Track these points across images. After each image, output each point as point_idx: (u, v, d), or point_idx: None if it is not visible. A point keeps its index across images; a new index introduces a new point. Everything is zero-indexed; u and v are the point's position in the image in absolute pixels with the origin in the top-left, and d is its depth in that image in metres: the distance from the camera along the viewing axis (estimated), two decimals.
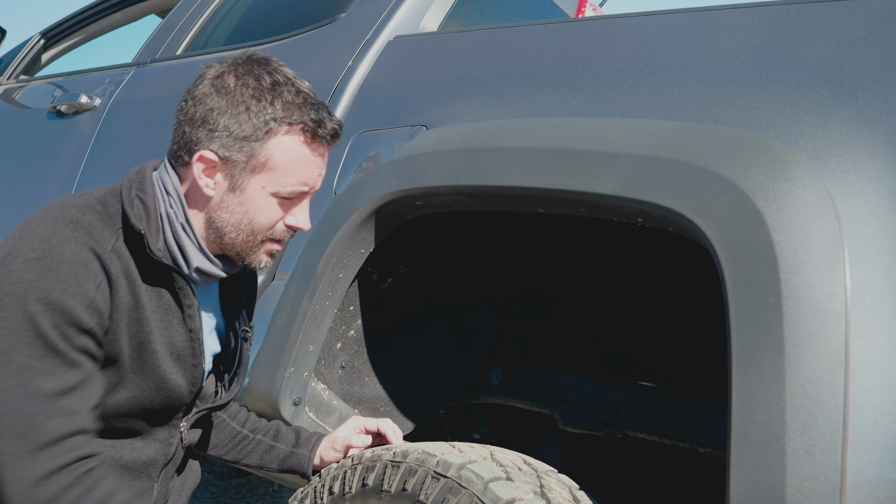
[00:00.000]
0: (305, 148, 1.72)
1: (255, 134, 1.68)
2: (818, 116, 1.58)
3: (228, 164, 1.70)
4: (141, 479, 1.75)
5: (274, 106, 1.68)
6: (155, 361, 1.68)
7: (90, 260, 1.57)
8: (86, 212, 1.63)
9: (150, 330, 1.66)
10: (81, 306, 1.54)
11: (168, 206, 1.72)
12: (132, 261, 1.65)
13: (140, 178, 1.74)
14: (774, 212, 1.48)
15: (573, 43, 2.11)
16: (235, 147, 1.69)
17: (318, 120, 1.71)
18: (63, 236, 1.56)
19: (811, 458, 1.38)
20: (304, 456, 2.00)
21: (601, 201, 1.72)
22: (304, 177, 1.73)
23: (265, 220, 1.73)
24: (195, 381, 1.78)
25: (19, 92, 3.97)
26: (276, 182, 1.71)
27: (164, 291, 1.71)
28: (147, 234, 1.65)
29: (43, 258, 1.53)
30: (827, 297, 1.42)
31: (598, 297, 2.50)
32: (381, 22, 2.63)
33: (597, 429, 2.31)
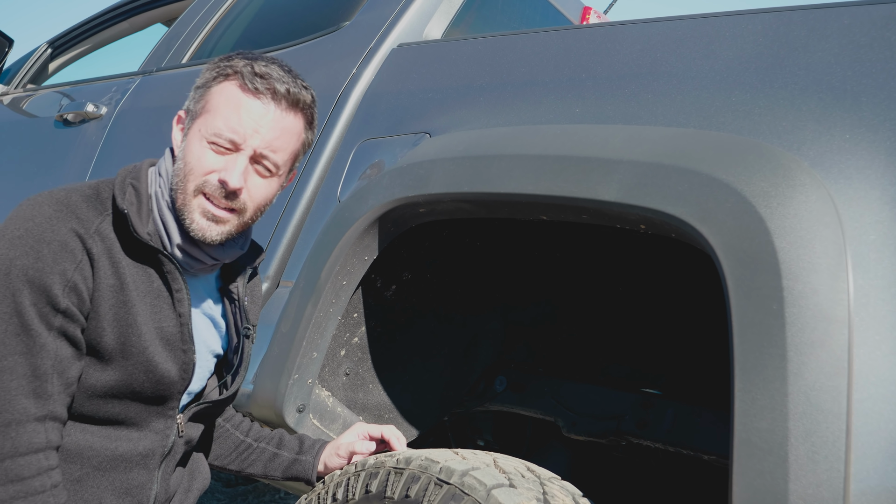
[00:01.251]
0: (239, 93, 1.72)
1: (206, 83, 1.76)
2: (821, 123, 1.58)
3: (188, 115, 1.79)
4: (138, 471, 1.75)
5: (231, 61, 1.76)
6: (141, 344, 1.68)
7: (70, 239, 1.60)
8: (73, 194, 1.68)
9: (136, 312, 1.68)
10: (58, 285, 1.57)
11: (157, 186, 1.77)
12: (118, 243, 1.68)
13: (135, 170, 1.79)
14: (777, 218, 1.48)
15: (576, 50, 2.12)
16: (194, 98, 1.78)
17: (260, 73, 1.72)
18: (46, 215, 1.61)
19: (814, 465, 1.37)
20: (307, 463, 2.00)
21: (604, 208, 1.72)
22: (234, 123, 1.71)
23: (195, 162, 1.71)
24: (185, 366, 1.77)
25: (27, 101, 3.99)
26: (208, 124, 1.72)
27: (153, 276, 1.73)
28: (133, 216, 1.68)
29: (24, 236, 1.58)
30: (830, 304, 1.42)
31: (601, 304, 2.50)
32: (385, 30, 2.64)
33: (601, 436, 2.31)
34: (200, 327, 1.86)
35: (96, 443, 1.70)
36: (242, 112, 1.71)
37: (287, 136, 1.77)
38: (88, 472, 1.69)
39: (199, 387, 1.89)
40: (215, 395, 1.92)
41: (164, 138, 2.99)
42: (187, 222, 1.73)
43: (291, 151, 1.81)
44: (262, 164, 1.75)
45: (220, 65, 1.76)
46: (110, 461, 1.71)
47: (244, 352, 1.92)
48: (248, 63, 1.74)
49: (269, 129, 1.73)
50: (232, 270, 1.93)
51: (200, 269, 1.83)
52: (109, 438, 1.71)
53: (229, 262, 1.88)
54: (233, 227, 1.76)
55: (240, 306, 1.93)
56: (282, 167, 1.79)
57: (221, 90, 1.74)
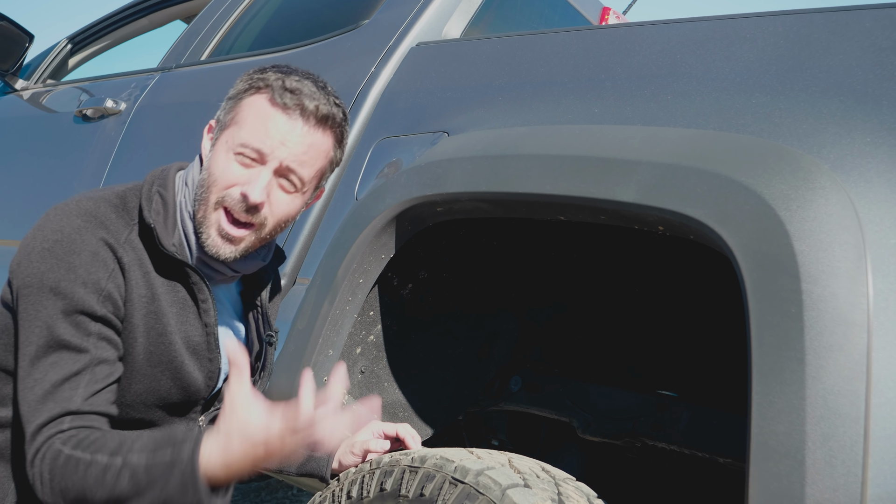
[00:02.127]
0: (268, 106, 1.70)
1: (238, 94, 1.75)
2: (842, 126, 1.57)
3: (218, 126, 1.77)
4: None
5: (263, 73, 1.74)
6: (172, 352, 1.69)
7: (101, 249, 1.60)
8: (101, 204, 1.67)
9: (167, 321, 1.68)
10: (92, 295, 1.57)
11: (182, 196, 1.75)
12: (146, 254, 1.67)
13: (163, 175, 1.77)
14: (797, 221, 1.48)
15: (595, 50, 2.11)
16: (226, 108, 1.76)
17: (291, 88, 1.70)
18: (75, 226, 1.60)
19: (831, 469, 1.37)
20: (322, 460, 2.00)
21: (622, 209, 1.71)
22: (260, 135, 1.68)
23: (219, 174, 1.69)
24: (211, 374, 1.78)
25: (46, 96, 4.00)
26: (234, 135, 1.70)
27: (179, 286, 1.72)
28: (159, 228, 1.67)
29: (54, 248, 1.57)
30: (849, 308, 1.41)
31: (618, 304, 2.49)
32: (404, 28, 2.64)
33: (615, 437, 2.31)
34: (223, 332, 1.87)
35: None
36: (270, 124, 1.69)
37: (314, 152, 1.74)
38: None
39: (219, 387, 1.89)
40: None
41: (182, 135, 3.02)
42: (203, 237, 1.71)
43: (318, 168, 1.77)
44: (287, 179, 1.72)
45: (253, 77, 1.74)
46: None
47: (267, 358, 1.92)
48: (280, 77, 1.72)
49: (296, 143, 1.70)
50: (254, 278, 1.94)
51: (220, 279, 1.83)
52: None
53: (249, 273, 1.88)
54: (248, 245, 1.75)
55: (262, 313, 1.93)
56: (307, 184, 1.76)
57: (251, 103, 1.72)
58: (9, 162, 3.80)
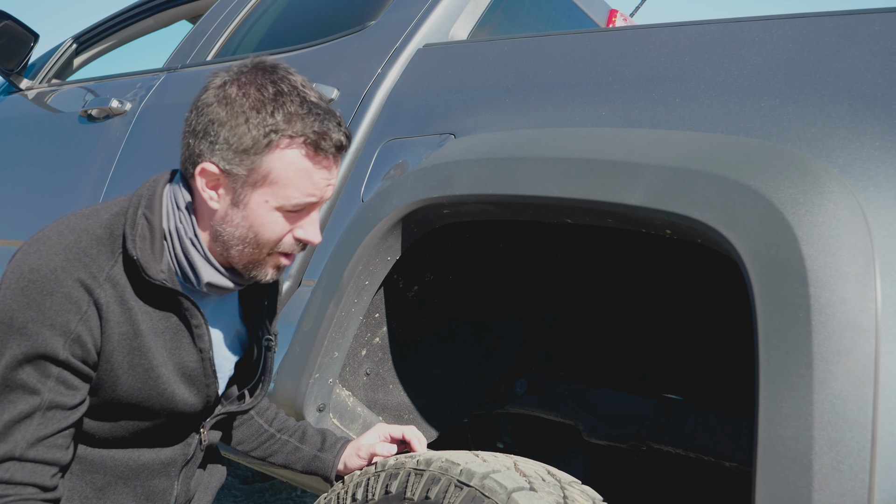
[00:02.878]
0: (307, 161, 1.63)
1: (254, 147, 1.61)
2: (851, 130, 1.57)
3: (230, 178, 1.64)
4: (160, 479, 1.76)
5: (275, 117, 1.60)
6: (161, 386, 1.67)
7: (75, 291, 1.56)
8: (83, 236, 1.62)
9: (152, 356, 1.65)
10: (59, 338, 1.54)
11: (178, 222, 1.69)
12: (130, 287, 1.62)
13: (149, 195, 1.70)
14: (805, 225, 1.47)
15: (603, 53, 2.11)
16: (236, 160, 1.62)
17: (322, 132, 1.62)
18: (53, 266, 1.56)
19: (838, 474, 1.36)
20: (328, 460, 2.00)
21: (630, 212, 1.71)
22: (308, 189, 1.65)
23: (271, 235, 1.67)
24: (209, 399, 1.77)
25: (51, 96, 4.01)
26: (279, 196, 1.64)
27: (171, 314, 1.68)
28: (145, 258, 1.61)
29: (28, 287, 1.54)
30: (857, 313, 1.41)
31: (624, 308, 2.49)
32: (411, 30, 2.64)
33: (621, 441, 2.30)
34: (223, 343, 1.86)
35: (119, 454, 1.71)
36: (314, 177, 1.65)
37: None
38: (111, 480, 1.70)
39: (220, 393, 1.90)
40: (236, 405, 1.92)
41: None
42: (259, 276, 1.72)
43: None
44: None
45: (267, 122, 1.60)
46: (133, 470, 1.72)
47: (267, 363, 1.91)
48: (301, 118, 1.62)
49: (334, 178, 1.71)
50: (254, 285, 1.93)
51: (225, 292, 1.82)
52: (132, 449, 1.73)
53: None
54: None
55: (261, 317, 1.93)
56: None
57: (283, 160, 1.63)
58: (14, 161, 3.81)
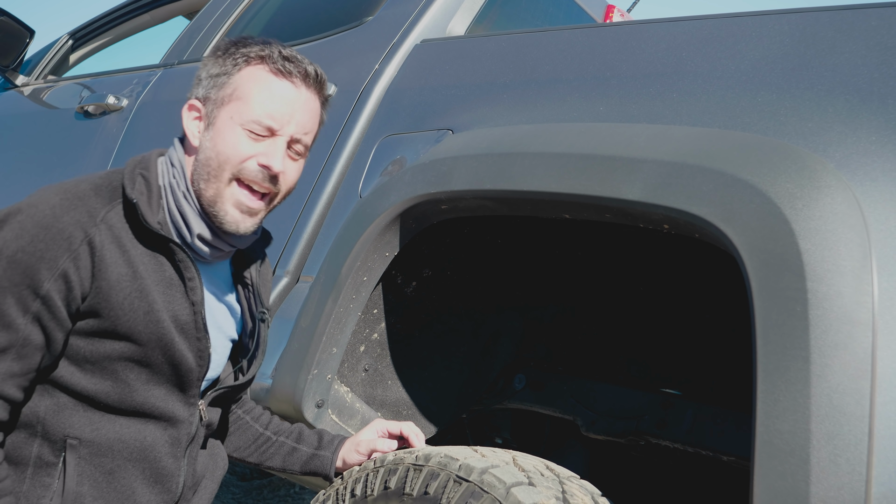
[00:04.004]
0: (272, 77, 1.75)
1: (225, 69, 1.77)
2: (847, 124, 1.57)
3: (207, 105, 1.77)
4: (167, 459, 1.77)
5: (247, 47, 1.77)
6: (161, 329, 1.69)
7: (70, 227, 1.61)
8: (82, 183, 1.69)
9: (153, 299, 1.69)
10: (46, 271, 1.59)
11: (171, 177, 1.77)
12: (129, 232, 1.69)
13: (144, 159, 1.79)
14: (802, 220, 1.48)
15: (601, 48, 2.11)
16: (211, 85, 1.77)
17: (287, 56, 1.75)
18: (51, 204, 1.62)
19: (836, 467, 1.37)
20: (326, 458, 2.01)
21: (627, 207, 1.72)
22: (270, 109, 1.73)
23: (231, 151, 1.73)
24: (201, 353, 1.77)
25: (47, 92, 4.00)
26: (242, 111, 1.73)
27: (166, 264, 1.73)
28: (142, 205, 1.68)
29: (25, 221, 1.60)
30: (854, 307, 1.41)
31: (622, 303, 2.49)
32: (409, 25, 2.64)
33: (620, 435, 2.31)
34: (216, 314, 1.87)
35: (125, 434, 1.71)
36: (276, 97, 1.74)
37: (313, 116, 1.82)
38: (120, 463, 1.71)
39: (217, 373, 1.91)
40: (232, 379, 1.93)
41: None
42: (220, 214, 1.75)
43: (315, 132, 1.86)
44: (293, 149, 1.79)
45: (239, 51, 1.77)
46: (139, 451, 1.73)
47: (260, 336, 1.94)
48: (267, 47, 1.77)
49: (301, 112, 1.77)
50: (244, 256, 1.95)
51: (217, 256, 1.84)
52: (137, 429, 1.73)
53: (244, 248, 1.90)
54: (263, 216, 1.81)
55: (254, 291, 1.95)
56: (308, 148, 1.84)
57: (249, 76, 1.75)
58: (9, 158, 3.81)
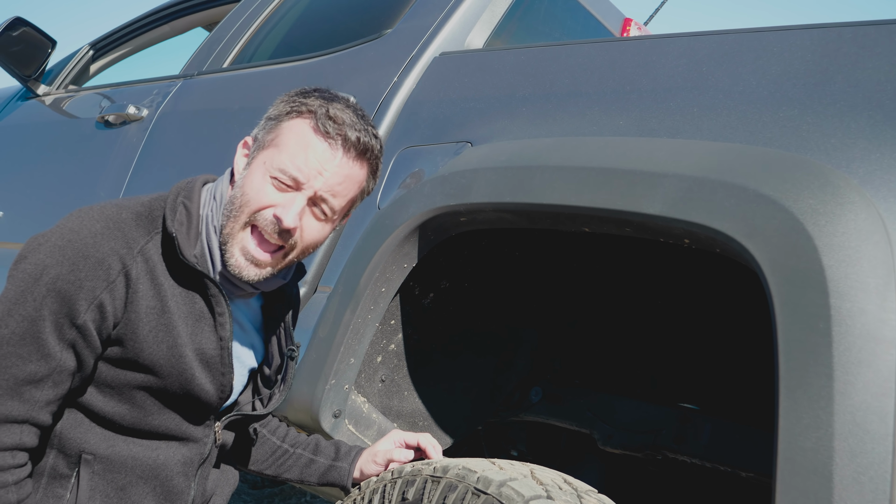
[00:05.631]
0: (310, 133, 1.71)
1: (279, 114, 1.76)
2: (871, 140, 1.57)
3: (255, 144, 1.78)
4: (178, 479, 1.77)
5: (307, 98, 1.75)
6: (182, 365, 1.69)
7: (108, 258, 1.61)
8: (124, 211, 1.68)
9: (177, 334, 1.68)
10: (84, 300, 1.58)
11: (210, 210, 1.76)
12: (162, 265, 1.68)
13: (188, 188, 1.77)
14: (825, 236, 1.47)
15: (621, 62, 2.11)
16: (263, 126, 1.78)
17: (334, 116, 1.72)
18: (92, 231, 1.62)
19: (859, 486, 1.36)
20: (343, 469, 2.00)
21: (648, 221, 1.71)
22: (299, 162, 1.70)
23: (253, 194, 1.71)
24: (223, 388, 1.78)
25: (68, 101, 4.02)
26: (273, 158, 1.71)
27: (197, 298, 1.72)
28: (181, 238, 1.67)
29: (66, 247, 1.59)
30: (877, 324, 1.40)
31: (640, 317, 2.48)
32: (428, 38, 2.64)
33: (637, 450, 2.30)
34: (238, 349, 1.87)
35: (139, 452, 1.72)
36: (310, 152, 1.71)
37: (349, 183, 1.76)
38: (132, 480, 1.71)
39: (235, 398, 1.90)
40: (250, 408, 1.93)
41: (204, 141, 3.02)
42: (227, 256, 1.73)
43: (350, 198, 1.80)
44: (319, 207, 1.75)
45: (296, 100, 1.75)
46: (152, 469, 1.73)
47: (287, 371, 1.92)
48: (324, 104, 1.73)
49: (333, 173, 1.72)
50: (275, 291, 1.93)
51: (240, 295, 1.84)
52: (151, 448, 1.73)
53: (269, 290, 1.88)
54: (273, 270, 1.77)
55: (285, 327, 1.93)
56: (338, 213, 1.79)
57: (292, 126, 1.73)
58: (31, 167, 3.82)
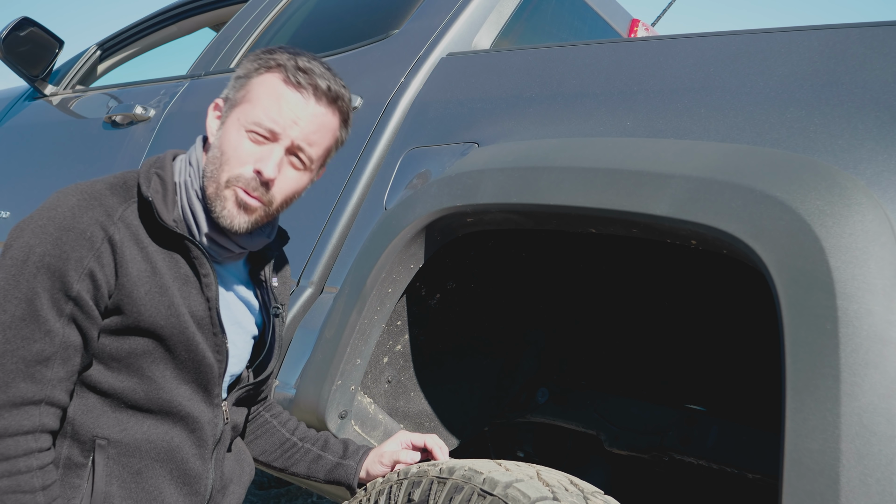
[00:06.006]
0: (282, 85, 1.75)
1: (247, 72, 1.79)
2: (878, 141, 1.56)
3: (226, 104, 1.80)
4: (194, 461, 1.77)
5: (273, 54, 1.78)
6: (183, 324, 1.71)
7: (90, 227, 1.63)
8: (98, 184, 1.71)
9: (172, 294, 1.70)
10: (73, 271, 1.60)
11: (187, 175, 1.79)
12: (144, 230, 1.71)
13: (159, 160, 1.82)
14: (832, 237, 1.47)
15: (628, 63, 2.11)
16: (232, 86, 1.81)
17: (303, 68, 1.75)
18: (69, 205, 1.64)
19: (866, 488, 1.35)
20: (350, 468, 2.01)
21: (655, 222, 1.71)
22: (273, 114, 1.73)
23: (231, 150, 1.73)
24: (219, 349, 1.79)
25: (75, 102, 4.03)
26: (247, 113, 1.74)
27: (181, 261, 1.75)
28: (157, 203, 1.70)
29: (46, 225, 1.61)
30: (885, 325, 1.40)
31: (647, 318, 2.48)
32: (435, 39, 2.64)
33: (643, 451, 2.29)
34: (234, 310, 1.89)
35: (153, 434, 1.72)
36: (283, 103, 1.74)
37: (324, 131, 1.80)
38: (147, 463, 1.72)
39: (239, 370, 1.92)
40: (252, 377, 1.95)
41: None
42: (218, 209, 1.75)
43: (325, 147, 1.83)
44: (297, 157, 1.78)
45: (263, 57, 1.79)
46: (167, 452, 1.74)
47: (275, 331, 1.96)
48: (292, 57, 1.77)
49: (307, 121, 1.76)
50: (259, 256, 1.97)
51: (228, 256, 1.86)
52: (164, 430, 1.74)
53: (256, 250, 1.91)
54: (260, 216, 1.79)
55: (268, 288, 1.97)
56: (315, 161, 1.83)
57: (263, 81, 1.76)
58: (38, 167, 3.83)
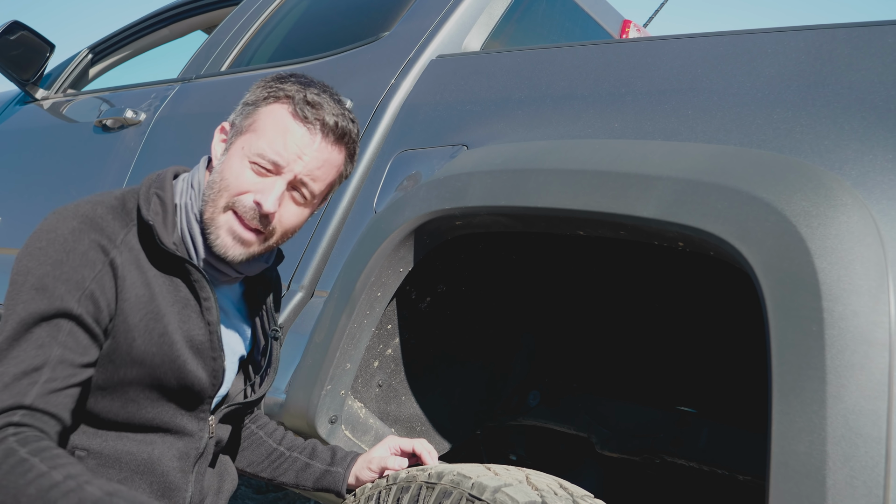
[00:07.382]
0: (289, 118, 1.72)
1: (255, 100, 1.77)
2: (864, 142, 1.56)
3: (232, 130, 1.79)
4: (174, 474, 1.76)
5: (283, 83, 1.76)
6: (174, 352, 1.69)
7: (92, 251, 1.61)
8: (98, 207, 1.68)
9: (167, 321, 1.68)
10: (73, 294, 1.57)
11: (188, 198, 1.77)
12: (144, 254, 1.69)
13: (159, 178, 1.79)
14: (818, 238, 1.46)
15: (616, 64, 2.11)
16: (240, 112, 1.79)
17: (313, 102, 1.73)
18: (70, 228, 1.62)
19: (852, 490, 1.35)
20: (339, 474, 2.00)
21: (642, 224, 1.71)
22: (278, 147, 1.71)
23: (232, 179, 1.72)
24: (216, 373, 1.78)
25: (66, 106, 4.03)
26: (251, 143, 1.72)
27: (181, 285, 1.73)
28: (158, 226, 1.68)
29: (46, 248, 1.59)
30: (870, 327, 1.40)
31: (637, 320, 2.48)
32: (424, 41, 2.64)
33: (635, 453, 2.29)
34: (226, 332, 1.87)
35: (133, 447, 1.71)
36: (289, 137, 1.72)
37: (328, 167, 1.78)
38: (127, 475, 1.70)
39: (227, 389, 1.91)
40: (242, 396, 1.93)
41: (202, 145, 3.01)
42: (212, 237, 1.73)
43: (329, 182, 1.81)
44: (299, 192, 1.76)
45: (273, 85, 1.76)
46: (147, 464, 1.72)
47: (273, 353, 1.94)
48: (302, 88, 1.74)
49: (312, 157, 1.74)
50: (256, 276, 1.95)
51: (225, 280, 1.85)
52: (145, 442, 1.73)
53: (252, 275, 1.90)
54: (256, 250, 1.77)
55: (267, 310, 1.96)
56: (317, 196, 1.81)
57: (271, 111, 1.74)
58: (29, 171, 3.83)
